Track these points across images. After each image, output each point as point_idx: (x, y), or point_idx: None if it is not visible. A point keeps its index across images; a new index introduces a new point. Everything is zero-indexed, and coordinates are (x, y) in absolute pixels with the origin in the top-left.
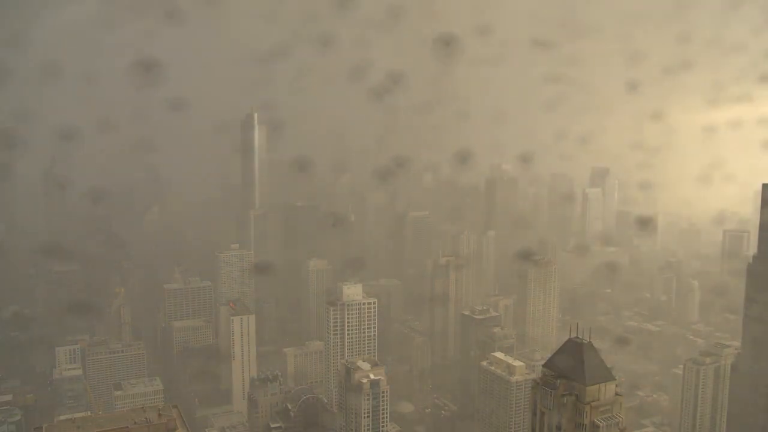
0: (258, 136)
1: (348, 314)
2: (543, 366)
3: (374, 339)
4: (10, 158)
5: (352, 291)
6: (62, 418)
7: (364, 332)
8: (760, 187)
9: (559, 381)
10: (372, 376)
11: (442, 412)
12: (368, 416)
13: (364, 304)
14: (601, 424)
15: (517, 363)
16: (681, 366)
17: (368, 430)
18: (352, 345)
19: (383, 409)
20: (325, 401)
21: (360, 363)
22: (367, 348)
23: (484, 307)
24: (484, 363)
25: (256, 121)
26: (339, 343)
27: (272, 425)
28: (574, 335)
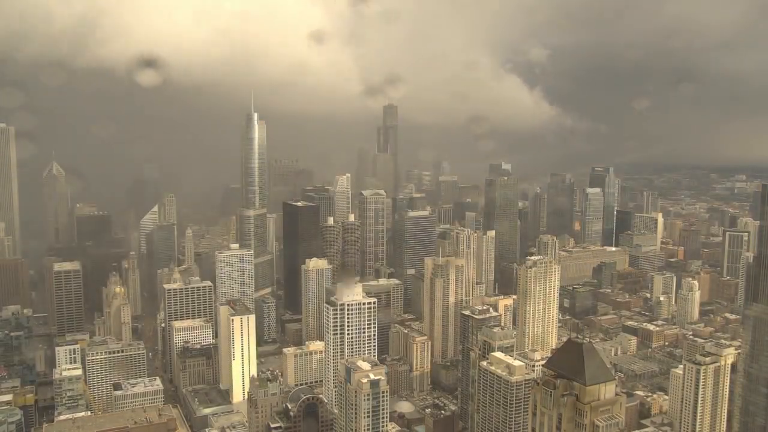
0: (258, 135)
1: (348, 314)
2: (543, 366)
3: (374, 339)
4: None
5: (352, 291)
6: (62, 418)
7: (364, 332)
8: None
9: (559, 381)
10: (372, 376)
11: (442, 412)
12: (368, 416)
13: (364, 304)
14: (601, 424)
15: (517, 363)
16: (681, 366)
17: (368, 430)
18: (352, 345)
19: (383, 409)
20: (325, 401)
21: (360, 363)
22: (367, 348)
23: (484, 307)
24: (484, 363)
25: (256, 120)
26: (339, 343)
27: (272, 425)
28: (574, 335)
